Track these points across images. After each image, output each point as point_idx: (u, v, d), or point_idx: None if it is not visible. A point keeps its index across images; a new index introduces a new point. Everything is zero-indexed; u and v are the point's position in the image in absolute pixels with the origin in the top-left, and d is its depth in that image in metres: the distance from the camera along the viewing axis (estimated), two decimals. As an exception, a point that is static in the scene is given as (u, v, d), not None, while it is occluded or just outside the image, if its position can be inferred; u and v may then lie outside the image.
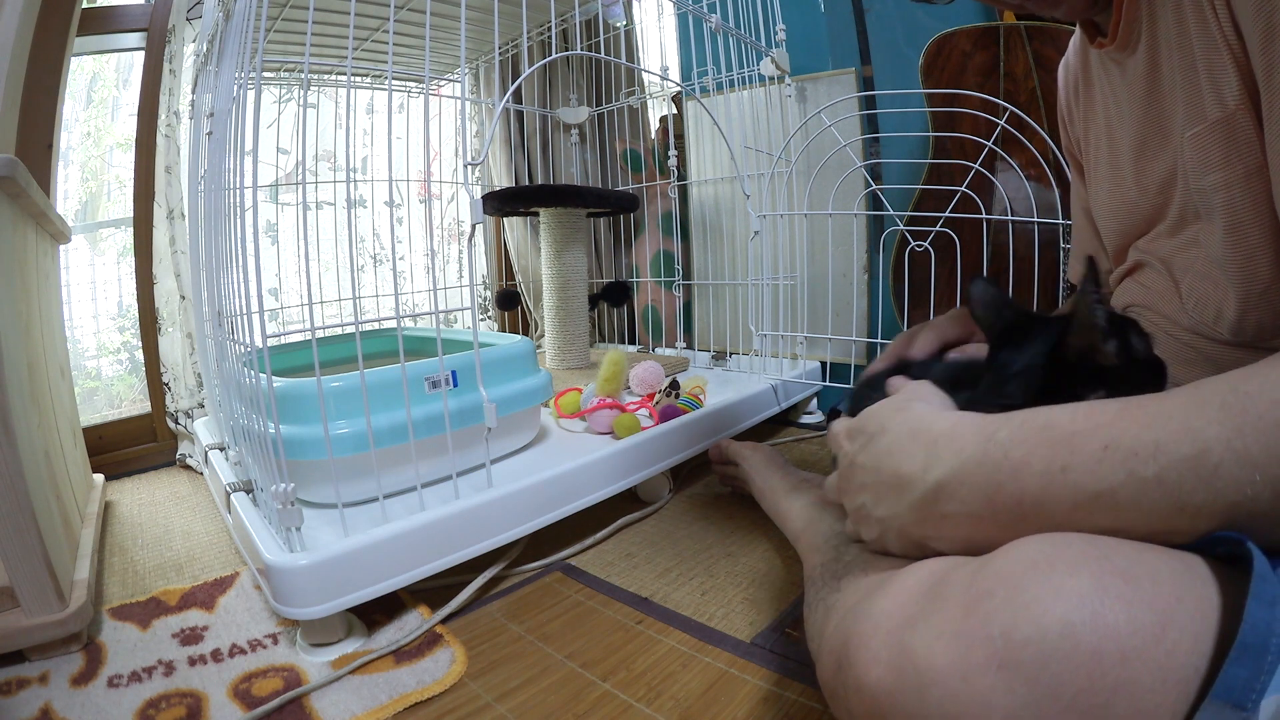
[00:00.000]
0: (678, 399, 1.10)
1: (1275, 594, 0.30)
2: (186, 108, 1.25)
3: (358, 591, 0.65)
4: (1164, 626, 0.30)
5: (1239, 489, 0.32)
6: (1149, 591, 0.31)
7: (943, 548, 0.42)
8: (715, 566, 0.81)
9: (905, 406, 0.47)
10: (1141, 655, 0.30)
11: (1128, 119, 0.56)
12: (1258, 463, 0.32)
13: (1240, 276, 0.45)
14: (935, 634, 0.34)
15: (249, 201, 0.62)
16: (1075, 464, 0.36)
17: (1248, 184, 0.43)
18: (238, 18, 0.71)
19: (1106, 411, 0.37)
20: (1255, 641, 0.29)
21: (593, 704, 0.58)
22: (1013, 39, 1.20)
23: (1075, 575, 0.32)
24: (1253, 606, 0.30)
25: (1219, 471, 0.32)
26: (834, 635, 0.41)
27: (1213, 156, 0.44)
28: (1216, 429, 0.33)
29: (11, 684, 0.62)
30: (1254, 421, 0.32)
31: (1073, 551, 0.33)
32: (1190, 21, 0.44)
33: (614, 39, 1.71)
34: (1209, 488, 0.33)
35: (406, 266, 1.73)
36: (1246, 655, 0.29)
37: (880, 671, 0.35)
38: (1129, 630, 0.30)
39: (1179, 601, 0.31)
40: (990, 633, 0.32)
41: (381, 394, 0.74)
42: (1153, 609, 0.31)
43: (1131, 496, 0.34)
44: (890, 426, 0.46)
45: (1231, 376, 0.35)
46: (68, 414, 0.99)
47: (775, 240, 1.31)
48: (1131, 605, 0.31)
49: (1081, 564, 0.33)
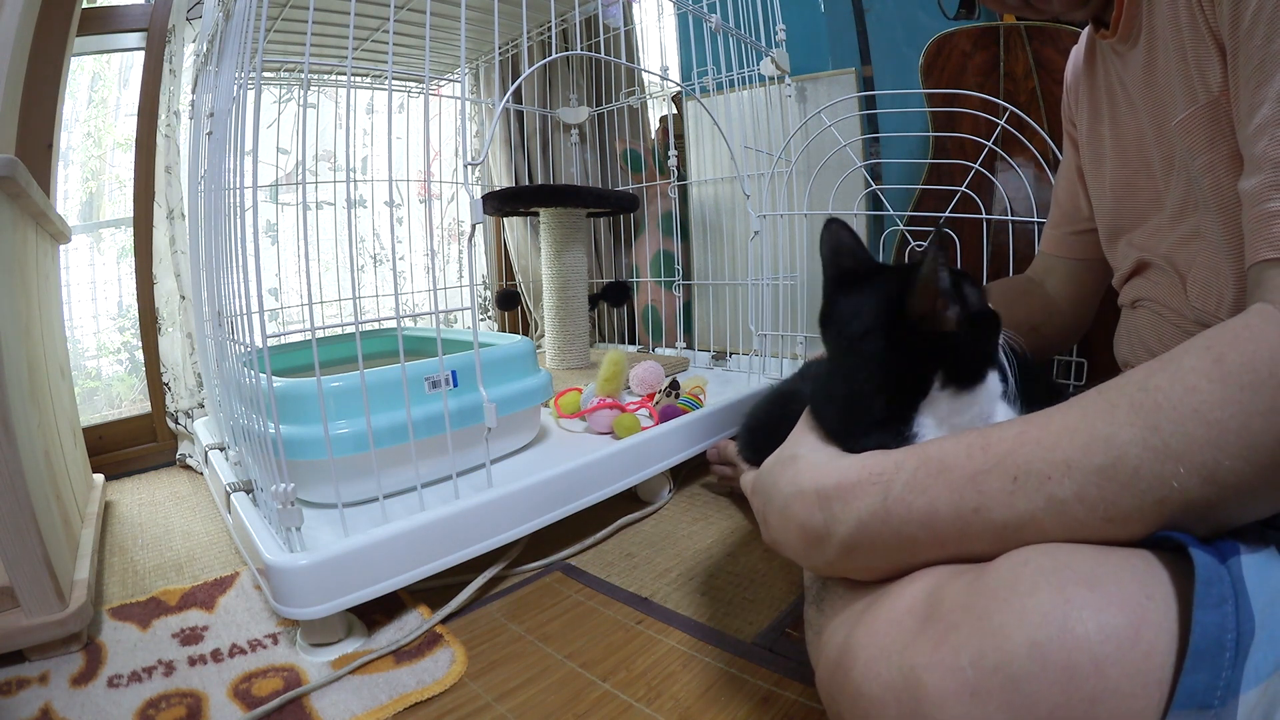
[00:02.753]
0: (678, 399, 1.10)
1: (1222, 593, 0.31)
2: (186, 108, 1.25)
3: (358, 591, 0.65)
4: (1137, 627, 0.30)
5: (1164, 485, 0.32)
6: (1116, 594, 0.31)
7: (891, 575, 0.41)
8: (715, 566, 0.81)
9: (789, 461, 0.46)
10: (1117, 661, 0.30)
11: (1131, 107, 0.56)
12: (1179, 454, 0.32)
13: (1235, 259, 0.45)
14: (917, 662, 0.34)
15: (249, 201, 0.62)
16: (987, 503, 0.36)
17: (1231, 165, 0.43)
18: (238, 18, 0.71)
19: (1004, 440, 0.36)
20: (1207, 647, 0.29)
21: (593, 704, 0.58)
22: (1013, 39, 1.20)
23: (1034, 594, 0.32)
24: (1199, 615, 0.30)
25: (1139, 473, 0.32)
26: (828, 651, 0.41)
27: (1199, 140, 0.45)
28: (1129, 431, 0.33)
29: (11, 684, 0.62)
30: (1169, 413, 0.32)
31: (1030, 570, 0.33)
32: (1182, 14, 0.45)
33: (614, 39, 1.71)
34: (1133, 491, 0.33)
35: (406, 266, 1.73)
36: (1202, 661, 0.29)
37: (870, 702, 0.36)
38: (1100, 638, 0.30)
39: (1149, 599, 0.31)
40: (960, 663, 0.32)
41: (381, 394, 0.74)
42: (1123, 610, 0.31)
43: (1055, 519, 0.34)
44: (781, 486, 0.45)
45: (1138, 374, 0.35)
46: (68, 414, 0.99)
47: (775, 240, 1.31)
48: (1101, 611, 0.31)
49: (1040, 580, 0.32)
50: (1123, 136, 0.59)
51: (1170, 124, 0.49)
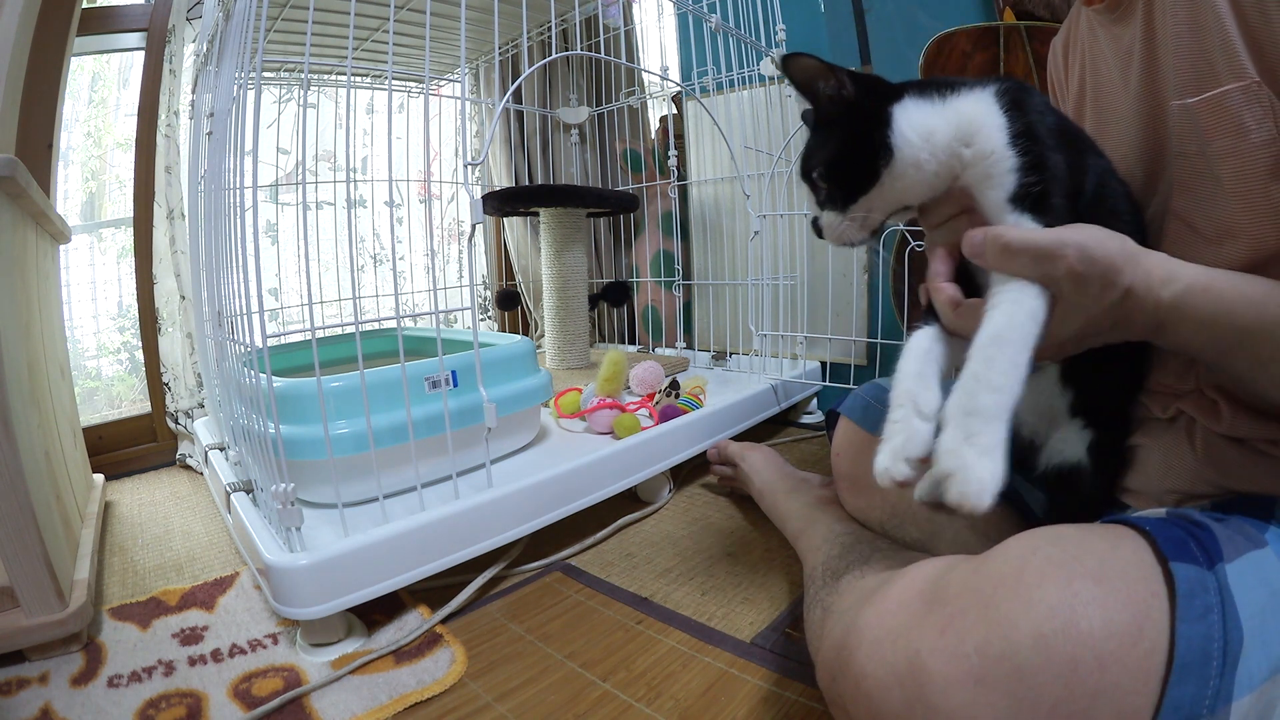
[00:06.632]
0: (678, 399, 1.10)
1: (1206, 604, 0.31)
2: (186, 108, 1.25)
3: (358, 591, 0.65)
4: (1141, 626, 0.31)
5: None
6: (1122, 591, 0.31)
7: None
8: (715, 566, 0.81)
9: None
10: (1119, 659, 0.30)
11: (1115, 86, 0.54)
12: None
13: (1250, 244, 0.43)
14: (921, 647, 0.34)
15: (249, 201, 0.62)
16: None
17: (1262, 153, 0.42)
18: (238, 18, 0.71)
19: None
20: (1192, 659, 0.30)
21: (593, 704, 0.58)
22: (1013, 39, 1.20)
23: (1042, 585, 0.32)
24: (1183, 628, 0.30)
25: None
26: (831, 639, 0.41)
27: (1222, 125, 0.43)
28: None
29: (11, 684, 0.62)
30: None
31: (1039, 559, 0.33)
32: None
33: (614, 39, 1.71)
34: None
35: (406, 266, 1.73)
36: (1188, 674, 0.30)
37: (874, 683, 0.35)
38: (1104, 634, 0.30)
39: (1154, 597, 0.31)
40: (965, 649, 0.32)
41: (381, 394, 0.74)
42: (1128, 608, 0.31)
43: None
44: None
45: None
46: (68, 414, 0.99)
47: (775, 240, 1.31)
48: (1106, 608, 0.31)
49: (1048, 570, 0.33)
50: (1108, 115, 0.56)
51: (1171, 104, 0.47)
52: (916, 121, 0.46)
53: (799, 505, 0.81)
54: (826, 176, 0.50)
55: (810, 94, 0.50)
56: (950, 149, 0.46)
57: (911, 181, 0.47)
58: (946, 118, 0.46)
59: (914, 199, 0.49)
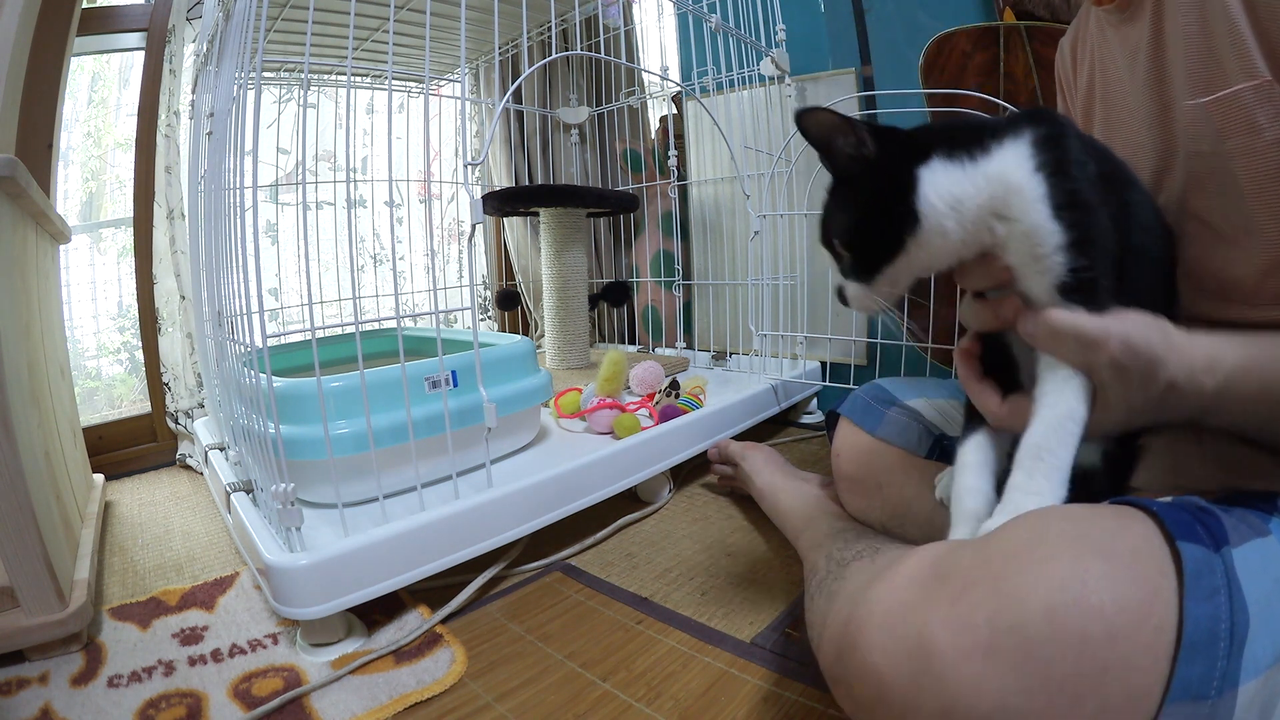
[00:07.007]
0: (678, 399, 1.10)
1: (1213, 585, 0.31)
2: (186, 108, 1.25)
3: (358, 591, 0.65)
4: (1151, 603, 0.31)
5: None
6: (1133, 568, 0.32)
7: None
8: (715, 566, 0.81)
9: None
10: (1129, 635, 0.30)
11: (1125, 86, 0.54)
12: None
13: (1265, 241, 0.44)
14: (931, 619, 0.34)
15: (249, 201, 0.62)
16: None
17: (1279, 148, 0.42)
18: (238, 18, 0.71)
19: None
20: (1201, 638, 0.30)
21: (593, 704, 0.58)
22: (1013, 39, 1.20)
23: (1053, 560, 0.32)
24: (1191, 606, 0.30)
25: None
26: (837, 619, 0.41)
27: (1236, 124, 0.43)
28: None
29: (11, 684, 0.62)
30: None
31: (1051, 535, 0.33)
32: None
33: (614, 39, 1.71)
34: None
35: (406, 266, 1.73)
36: (1196, 653, 0.29)
37: (881, 654, 0.35)
38: (1115, 609, 0.30)
39: (1163, 576, 0.31)
40: (975, 620, 0.32)
41: (381, 394, 0.74)
42: (1138, 584, 0.31)
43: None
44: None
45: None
46: (68, 414, 0.99)
47: (775, 240, 1.31)
48: (1117, 583, 0.31)
49: (1060, 546, 0.33)
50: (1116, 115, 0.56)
51: (1181, 104, 0.47)
52: (944, 189, 0.43)
53: (799, 505, 0.81)
54: (849, 246, 0.47)
55: (827, 151, 0.47)
56: (980, 220, 0.42)
57: (938, 250, 0.44)
58: (977, 184, 0.42)
59: (941, 266, 0.46)
